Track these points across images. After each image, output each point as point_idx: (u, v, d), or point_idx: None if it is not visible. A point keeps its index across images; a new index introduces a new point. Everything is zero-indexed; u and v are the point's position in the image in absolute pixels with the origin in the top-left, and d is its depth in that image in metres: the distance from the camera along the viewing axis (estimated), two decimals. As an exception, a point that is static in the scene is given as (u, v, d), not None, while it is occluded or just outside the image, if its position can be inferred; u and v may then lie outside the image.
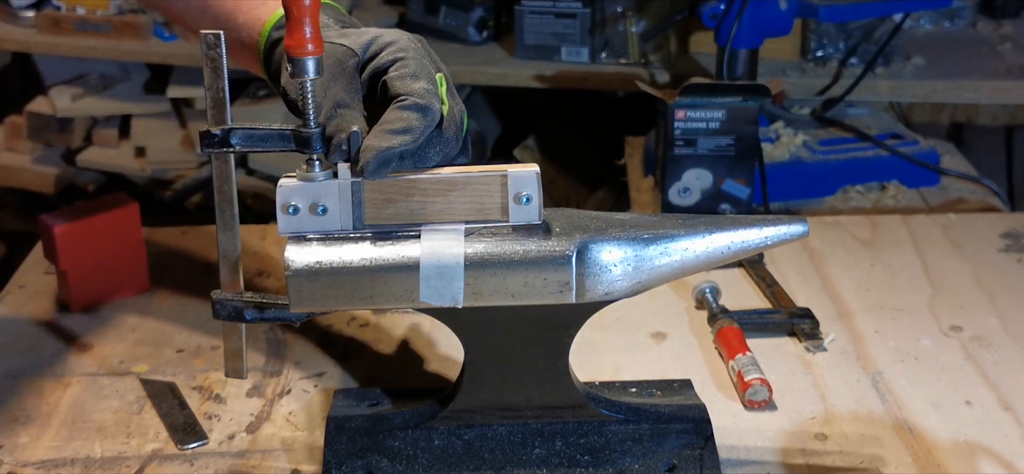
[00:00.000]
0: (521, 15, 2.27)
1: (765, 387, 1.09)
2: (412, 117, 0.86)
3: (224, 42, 0.88)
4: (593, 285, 0.91)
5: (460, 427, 0.98)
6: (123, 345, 1.22)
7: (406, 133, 0.86)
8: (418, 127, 0.86)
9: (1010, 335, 1.22)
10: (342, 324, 1.25)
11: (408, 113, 0.87)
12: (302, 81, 0.87)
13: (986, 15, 2.43)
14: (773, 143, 1.86)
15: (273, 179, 2.48)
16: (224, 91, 0.88)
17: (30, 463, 1.02)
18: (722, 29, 1.80)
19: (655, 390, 1.05)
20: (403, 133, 0.86)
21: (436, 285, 0.90)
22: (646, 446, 0.98)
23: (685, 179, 1.59)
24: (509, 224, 0.91)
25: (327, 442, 0.98)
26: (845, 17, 2.02)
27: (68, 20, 2.58)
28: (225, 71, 0.88)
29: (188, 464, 1.02)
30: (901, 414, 1.08)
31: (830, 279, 1.35)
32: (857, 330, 1.24)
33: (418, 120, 0.86)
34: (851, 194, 1.79)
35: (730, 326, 1.19)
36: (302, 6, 0.85)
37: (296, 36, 0.85)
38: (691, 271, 0.94)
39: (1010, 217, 1.57)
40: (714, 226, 0.93)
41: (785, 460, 1.02)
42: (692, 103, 1.54)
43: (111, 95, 2.79)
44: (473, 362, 0.97)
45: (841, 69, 2.12)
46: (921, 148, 1.86)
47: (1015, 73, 2.12)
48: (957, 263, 1.38)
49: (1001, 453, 1.02)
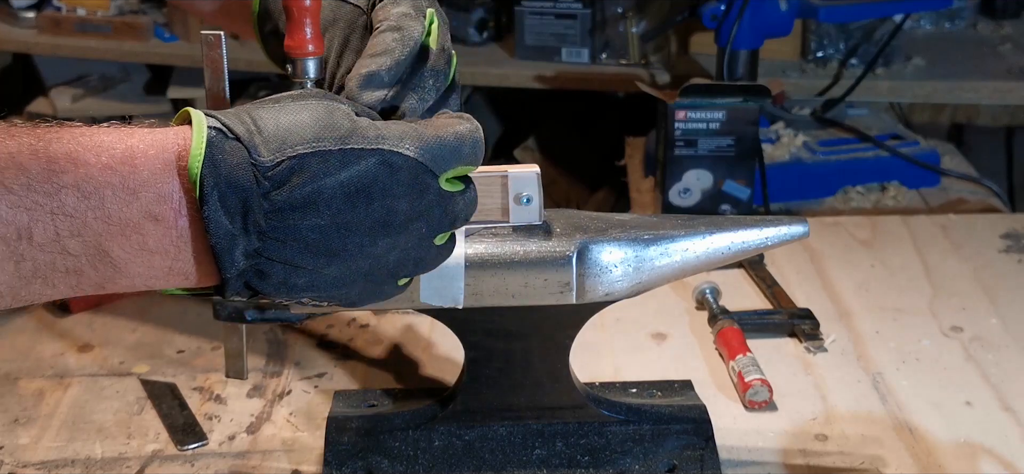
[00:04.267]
0: (521, 16, 2.27)
1: (765, 388, 1.09)
2: (388, 38, 0.85)
3: (224, 42, 0.87)
4: (593, 286, 0.91)
5: (460, 428, 0.98)
6: (123, 346, 1.22)
7: (384, 55, 0.83)
8: (395, 48, 0.84)
9: (1010, 335, 1.22)
10: (342, 325, 1.25)
11: (384, 36, 0.85)
12: (302, 82, 0.87)
13: (986, 15, 2.43)
14: (773, 144, 1.86)
15: (273, 180, 2.48)
16: (224, 92, 0.88)
17: (31, 464, 1.02)
18: (722, 30, 1.80)
19: (655, 391, 1.05)
20: (381, 55, 0.84)
21: (436, 286, 0.90)
22: (647, 447, 0.98)
23: (685, 180, 1.59)
24: (509, 225, 0.91)
25: (327, 442, 0.98)
26: (845, 18, 2.02)
27: (68, 21, 2.58)
28: (225, 71, 0.88)
29: (188, 465, 1.02)
30: (902, 415, 1.08)
31: (830, 280, 1.35)
32: (857, 331, 1.24)
33: (394, 41, 0.84)
34: (851, 195, 1.79)
35: (730, 327, 1.19)
36: (302, 7, 0.85)
37: (296, 37, 0.85)
38: (691, 272, 0.94)
39: (1010, 218, 1.57)
40: (714, 227, 0.93)
41: (785, 461, 1.02)
42: (692, 104, 1.55)
43: (111, 96, 2.79)
44: (473, 363, 0.97)
45: (841, 70, 2.12)
46: (921, 149, 1.86)
47: (1015, 73, 2.12)
48: (957, 264, 1.38)
49: (1001, 454, 1.02)
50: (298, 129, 0.74)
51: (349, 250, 0.76)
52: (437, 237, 0.80)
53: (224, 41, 0.87)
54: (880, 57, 2.09)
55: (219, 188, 0.72)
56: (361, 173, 0.74)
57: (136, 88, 2.83)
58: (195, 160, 0.72)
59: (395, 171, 0.75)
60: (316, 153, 0.74)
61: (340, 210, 0.74)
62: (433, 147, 0.77)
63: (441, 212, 0.79)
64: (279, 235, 0.74)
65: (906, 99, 2.14)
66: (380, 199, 0.75)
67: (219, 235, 0.72)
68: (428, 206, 0.77)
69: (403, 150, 0.75)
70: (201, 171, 0.71)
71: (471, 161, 0.79)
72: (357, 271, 0.77)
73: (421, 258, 0.80)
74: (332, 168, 0.74)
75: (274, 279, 0.75)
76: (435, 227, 0.79)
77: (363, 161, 0.75)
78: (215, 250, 0.72)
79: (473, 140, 0.79)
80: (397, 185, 0.75)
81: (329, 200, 0.74)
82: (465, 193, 0.80)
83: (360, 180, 0.74)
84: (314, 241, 0.75)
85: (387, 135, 0.76)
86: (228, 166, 0.72)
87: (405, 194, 0.76)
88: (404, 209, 0.76)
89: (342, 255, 0.76)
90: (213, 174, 0.71)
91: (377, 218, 0.75)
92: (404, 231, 0.77)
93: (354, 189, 0.74)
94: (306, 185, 0.73)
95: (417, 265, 0.81)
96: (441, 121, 0.80)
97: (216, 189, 0.71)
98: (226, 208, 0.72)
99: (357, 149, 0.75)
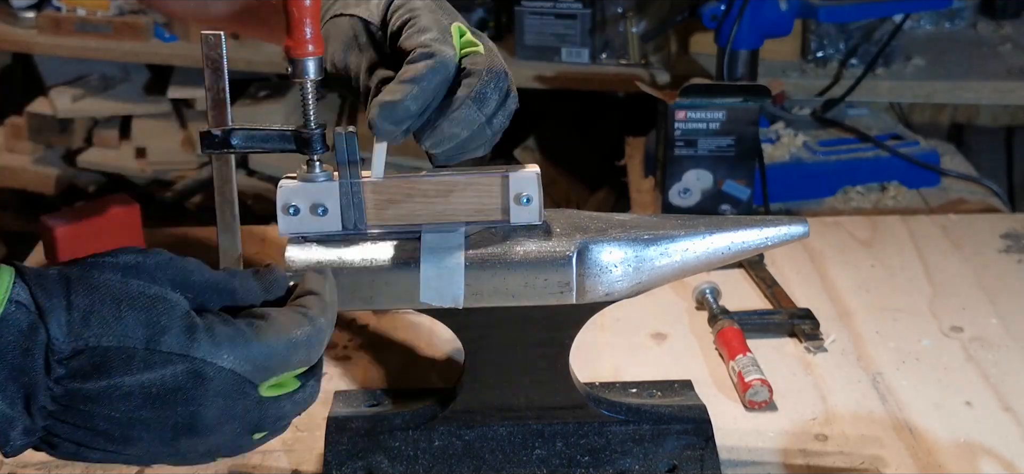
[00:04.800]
0: (521, 16, 2.27)
1: (766, 388, 1.09)
2: (418, 67, 0.82)
3: (224, 42, 0.87)
4: (593, 286, 0.91)
5: (460, 428, 0.98)
6: (123, 346, 1.22)
7: (413, 83, 0.81)
8: (424, 74, 0.81)
9: (1010, 335, 1.22)
10: (342, 324, 1.25)
11: (414, 65, 0.82)
12: (302, 82, 0.87)
13: (986, 16, 2.43)
14: (773, 144, 1.86)
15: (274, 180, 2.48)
16: (225, 92, 0.88)
17: (31, 464, 1.02)
18: (722, 30, 1.80)
19: (655, 391, 1.05)
20: (409, 83, 0.81)
21: (436, 286, 0.90)
22: (647, 447, 0.98)
23: (685, 180, 1.59)
24: (509, 225, 0.91)
25: (327, 442, 0.98)
26: (845, 18, 2.02)
27: (69, 21, 2.58)
28: (226, 71, 0.88)
29: (188, 465, 1.02)
30: (902, 415, 1.08)
31: (830, 280, 1.35)
32: (857, 331, 1.24)
33: (425, 67, 0.81)
34: (851, 195, 1.79)
35: (730, 327, 1.19)
36: (302, 7, 0.85)
37: (296, 36, 0.85)
38: (691, 272, 0.94)
39: (1010, 218, 1.57)
40: (714, 227, 0.93)
41: (785, 461, 1.02)
42: (692, 104, 1.55)
43: (111, 96, 2.80)
44: (473, 363, 0.97)
45: (841, 70, 2.12)
46: (921, 149, 1.86)
47: (1015, 74, 2.12)
48: (957, 264, 1.38)
49: (1002, 454, 1.02)
50: (109, 318, 0.70)
51: (146, 442, 0.72)
52: (256, 434, 0.76)
53: (224, 41, 0.87)
54: (880, 57, 2.10)
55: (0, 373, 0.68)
56: (164, 378, 0.70)
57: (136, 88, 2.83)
58: None
59: (203, 381, 0.71)
60: (121, 348, 0.70)
61: (138, 408, 0.70)
62: (256, 357, 0.73)
63: (259, 417, 0.74)
64: (69, 418, 0.70)
65: (906, 99, 2.14)
66: (184, 405, 0.71)
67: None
68: (243, 412, 0.73)
69: (218, 361, 0.71)
70: None
71: (303, 364, 0.76)
72: (159, 455, 0.74)
73: (237, 446, 0.76)
74: (135, 368, 0.70)
75: (65, 450, 0.72)
76: (252, 428, 0.75)
77: (170, 366, 0.71)
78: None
79: (308, 345, 0.75)
80: (205, 395, 0.71)
81: (126, 396, 0.70)
82: (297, 393, 0.76)
83: (162, 385, 0.70)
84: (106, 430, 0.71)
85: (203, 339, 0.71)
86: (16, 351, 0.68)
87: (214, 401, 0.72)
88: (212, 415, 0.72)
89: (139, 444, 0.72)
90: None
91: (179, 421, 0.72)
92: (213, 433, 0.73)
93: (155, 392, 0.70)
94: (102, 379, 0.69)
95: (234, 451, 0.77)
96: (276, 319, 0.75)
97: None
98: (4, 393, 0.68)
99: (164, 352, 0.70)
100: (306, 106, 0.89)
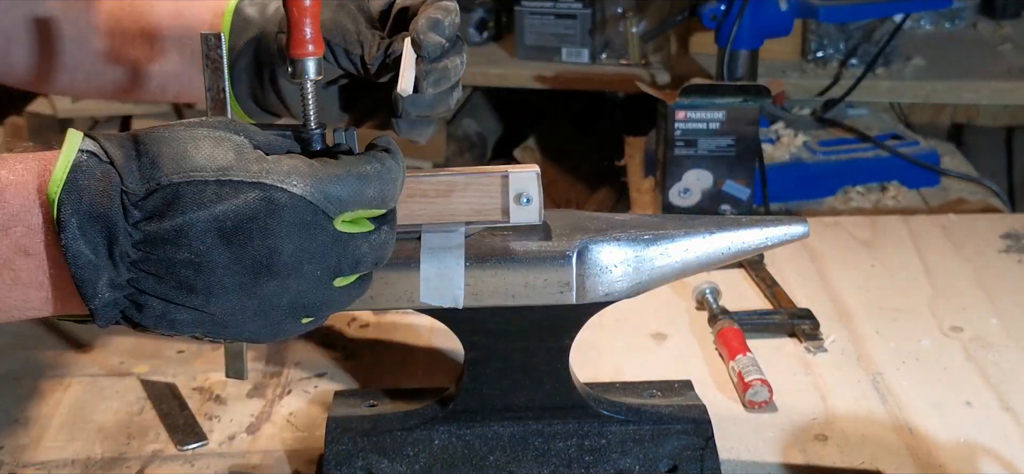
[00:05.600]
0: (521, 16, 2.27)
1: (765, 388, 1.09)
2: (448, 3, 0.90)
3: (224, 42, 0.87)
4: (593, 286, 0.91)
5: (460, 428, 0.98)
6: (123, 346, 1.22)
7: (449, 13, 0.89)
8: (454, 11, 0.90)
9: (1010, 335, 1.22)
10: (343, 324, 1.25)
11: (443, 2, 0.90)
12: (302, 82, 0.87)
13: (986, 15, 2.43)
14: (773, 144, 1.87)
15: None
16: (225, 92, 0.88)
17: (31, 464, 1.02)
18: (722, 30, 1.80)
19: (655, 391, 1.05)
20: (447, 11, 0.89)
21: (436, 286, 0.90)
22: (647, 447, 0.98)
23: (685, 180, 1.59)
24: (510, 225, 0.91)
25: (327, 443, 0.98)
26: (845, 18, 2.02)
27: (68, 21, 2.57)
28: (226, 71, 0.88)
29: (188, 465, 1.02)
30: (901, 415, 1.08)
31: (830, 280, 1.35)
32: (857, 331, 1.24)
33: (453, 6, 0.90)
34: (851, 195, 1.79)
35: (730, 327, 1.19)
36: (302, 7, 0.84)
37: (296, 36, 0.85)
38: (692, 272, 0.94)
39: (1010, 218, 1.57)
40: (714, 227, 0.93)
41: (785, 461, 1.02)
42: (692, 104, 1.55)
43: (111, 96, 2.79)
44: (473, 363, 0.97)
45: (841, 70, 2.12)
46: (921, 149, 1.86)
47: (1015, 73, 2.12)
48: (957, 264, 1.38)
49: (1002, 454, 1.02)
50: (177, 157, 0.70)
51: (228, 289, 0.70)
52: (337, 280, 0.74)
53: (224, 41, 0.87)
54: (880, 57, 2.10)
55: (78, 216, 0.68)
56: (238, 208, 0.69)
57: (136, 88, 2.83)
58: (55, 186, 0.68)
59: (276, 208, 0.69)
60: (191, 182, 0.69)
61: (214, 246, 0.69)
62: (327, 186, 0.71)
63: (338, 256, 0.72)
64: (151, 268, 0.69)
65: (906, 99, 2.14)
66: (260, 238, 0.69)
67: (79, 265, 0.68)
68: (321, 249, 0.71)
69: (289, 187, 0.70)
70: (59, 197, 0.68)
71: (378, 204, 0.73)
72: (244, 310, 0.72)
73: (321, 301, 0.74)
74: (206, 200, 0.69)
75: (152, 313, 0.71)
76: (332, 271, 0.73)
77: (241, 195, 0.69)
78: (76, 281, 0.68)
79: (379, 180, 0.73)
80: (279, 224, 0.70)
81: (201, 234, 0.69)
82: (373, 235, 0.74)
83: (236, 216, 0.69)
84: (188, 278, 0.69)
85: (273, 169, 0.70)
86: (92, 193, 0.68)
87: (290, 234, 0.70)
88: (290, 250, 0.70)
89: (221, 294, 0.70)
90: (73, 201, 0.68)
91: (257, 258, 0.70)
92: (294, 274, 0.71)
93: (230, 225, 0.69)
94: (176, 217, 0.68)
95: (318, 308, 0.74)
96: (346, 158, 0.74)
97: (75, 217, 0.67)
98: (87, 237, 0.68)
99: (235, 181, 0.69)
100: (306, 106, 0.89)
